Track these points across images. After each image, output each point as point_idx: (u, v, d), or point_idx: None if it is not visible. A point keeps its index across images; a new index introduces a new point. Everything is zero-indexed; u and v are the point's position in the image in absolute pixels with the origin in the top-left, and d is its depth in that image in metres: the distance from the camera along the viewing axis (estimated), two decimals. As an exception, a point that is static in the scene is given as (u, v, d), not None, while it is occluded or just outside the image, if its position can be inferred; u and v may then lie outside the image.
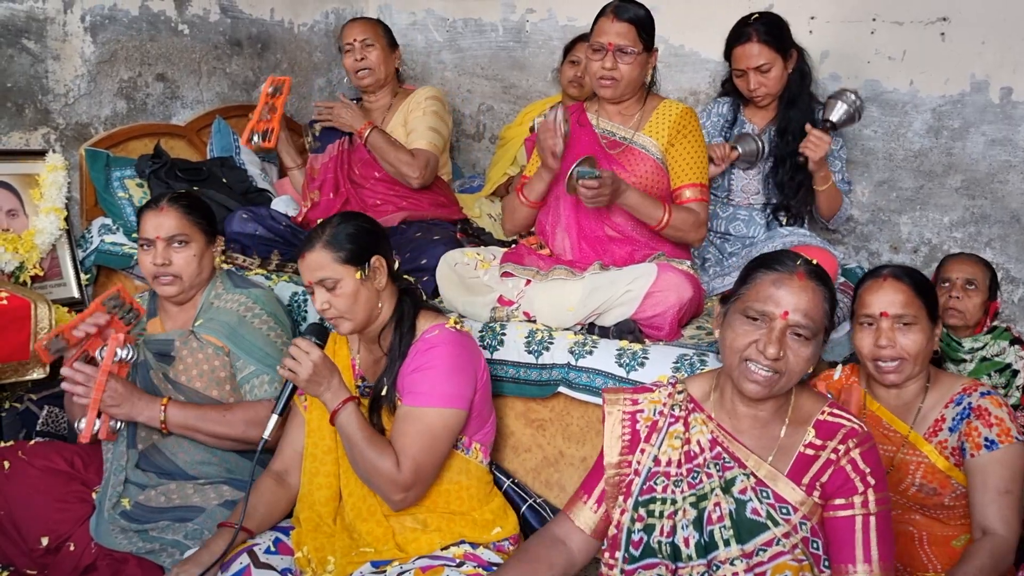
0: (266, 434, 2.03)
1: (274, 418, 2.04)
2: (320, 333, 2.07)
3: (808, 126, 2.87)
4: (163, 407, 2.21)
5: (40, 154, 3.11)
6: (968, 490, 2.01)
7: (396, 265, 2.20)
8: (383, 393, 2.10)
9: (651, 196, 2.51)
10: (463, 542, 2.08)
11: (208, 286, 2.41)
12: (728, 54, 3.02)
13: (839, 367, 2.23)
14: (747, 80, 2.96)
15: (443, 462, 2.11)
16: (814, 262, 1.72)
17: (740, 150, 2.95)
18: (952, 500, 2.05)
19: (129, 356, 2.21)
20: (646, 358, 2.31)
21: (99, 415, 2.17)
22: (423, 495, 2.09)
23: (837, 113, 2.88)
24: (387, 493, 2.02)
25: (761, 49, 2.91)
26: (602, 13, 2.53)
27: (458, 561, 2.00)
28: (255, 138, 3.21)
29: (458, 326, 2.15)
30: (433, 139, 3.09)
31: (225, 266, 2.70)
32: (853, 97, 2.88)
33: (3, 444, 2.52)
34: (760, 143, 2.97)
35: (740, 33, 2.95)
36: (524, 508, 2.36)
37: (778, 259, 1.72)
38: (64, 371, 2.16)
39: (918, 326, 2.02)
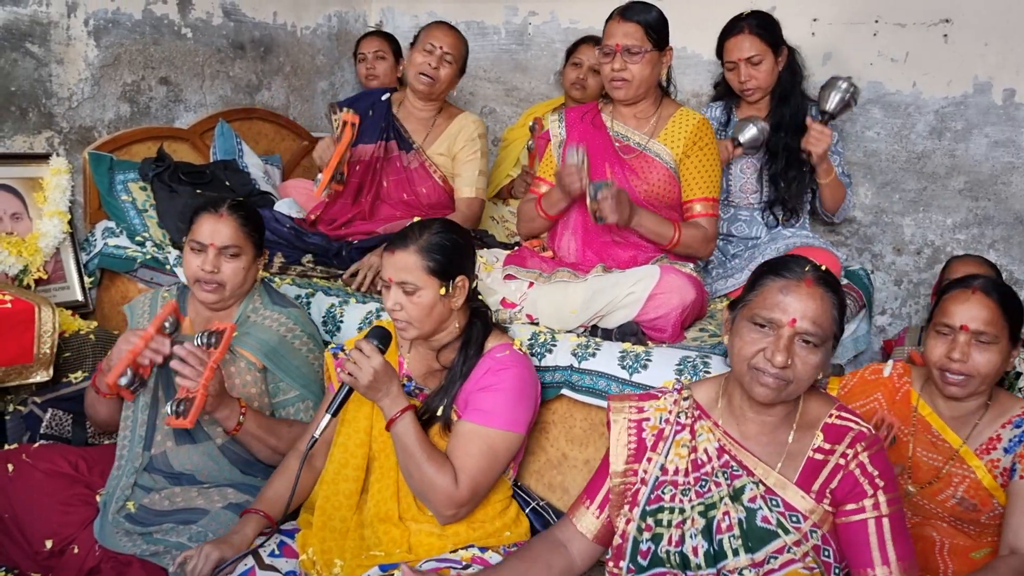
0: (317, 433, 2.01)
1: (327, 418, 2.01)
2: (383, 338, 2.03)
3: (808, 120, 2.88)
4: (243, 411, 2.20)
5: (44, 158, 3.11)
6: (1006, 509, 1.97)
7: (475, 284, 2.17)
8: (439, 411, 2.07)
9: (662, 216, 2.53)
10: (471, 546, 2.07)
11: (246, 298, 2.38)
12: (720, 49, 3.05)
13: (890, 363, 2.18)
14: (738, 73, 2.99)
15: (497, 483, 2.11)
16: (823, 268, 1.71)
17: (742, 140, 2.96)
18: (988, 519, 2.02)
19: (170, 327, 2.21)
20: (649, 360, 2.31)
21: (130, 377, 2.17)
22: (472, 513, 2.09)
23: (832, 102, 2.90)
24: (440, 508, 2.01)
25: (752, 41, 2.95)
26: (610, 17, 2.55)
27: (464, 564, 2.00)
28: (327, 191, 2.99)
29: (523, 350, 2.15)
30: (483, 185, 3.13)
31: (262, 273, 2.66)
32: (844, 84, 2.89)
33: (7, 447, 2.52)
34: (759, 125, 2.98)
35: (732, 26, 3.02)
36: (527, 511, 2.35)
37: (786, 265, 1.71)
38: (177, 350, 2.09)
39: (997, 346, 1.96)
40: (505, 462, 2.08)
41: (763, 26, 2.97)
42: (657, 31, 2.52)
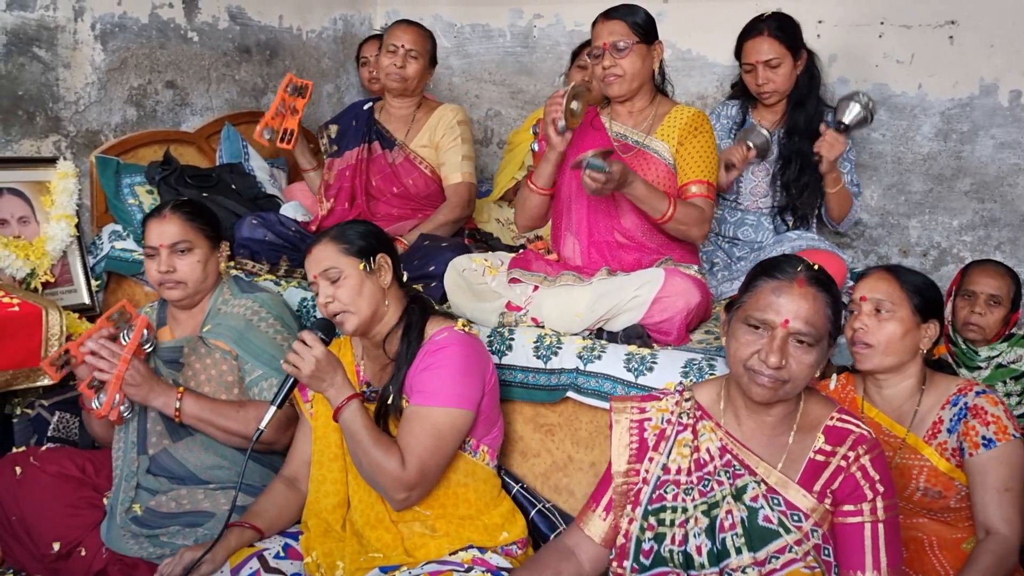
0: (262, 425, 2.03)
1: (272, 410, 2.03)
2: (326, 328, 2.07)
3: (823, 127, 2.86)
4: (179, 396, 2.23)
5: (51, 161, 3.13)
6: (969, 490, 2.01)
7: (404, 277, 2.21)
8: (389, 400, 2.09)
9: (658, 189, 2.50)
10: (471, 547, 2.07)
11: (215, 292, 2.42)
12: (739, 50, 3.03)
13: (834, 376, 2.23)
14: (756, 75, 2.97)
15: (449, 463, 2.10)
16: (816, 267, 1.71)
17: (752, 144, 2.95)
18: (957, 502, 2.04)
19: (148, 344, 2.27)
20: (654, 363, 2.31)
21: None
22: (426, 495, 2.09)
23: (851, 115, 2.87)
24: (390, 492, 2.01)
25: (771, 44, 2.93)
26: (595, 21, 2.57)
27: (466, 566, 2.00)
28: (267, 134, 3.18)
29: (467, 328, 2.15)
30: (469, 168, 3.16)
31: (233, 271, 2.71)
32: (866, 99, 2.87)
33: (15, 450, 2.53)
34: (766, 132, 2.96)
35: (752, 28, 2.98)
36: (533, 513, 2.35)
37: (778, 266, 1.71)
38: (89, 344, 2.18)
39: (895, 315, 2.05)
40: (454, 441, 2.06)
41: (783, 29, 2.94)
42: (642, 26, 2.52)
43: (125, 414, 2.25)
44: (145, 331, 2.25)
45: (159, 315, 2.48)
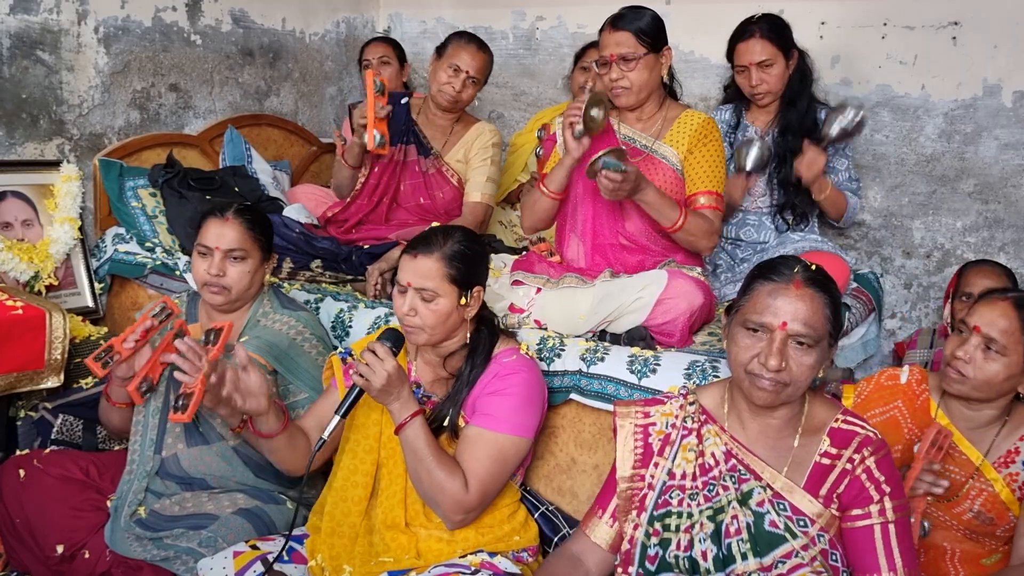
0: (326, 434, 1.98)
1: (336, 419, 1.98)
2: (397, 341, 2.02)
3: (805, 143, 2.88)
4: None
5: (54, 164, 3.13)
6: (1020, 518, 1.96)
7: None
8: (446, 418, 2.07)
9: (670, 197, 2.50)
10: (480, 551, 2.07)
11: (255, 302, 2.41)
12: (731, 52, 3.04)
13: (906, 368, 2.15)
14: (749, 76, 2.99)
15: (505, 487, 2.10)
16: (813, 267, 1.70)
17: (750, 166, 2.94)
18: (1004, 532, 2.01)
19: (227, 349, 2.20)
20: (658, 365, 2.31)
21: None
22: (480, 518, 2.08)
23: (833, 127, 2.88)
24: (449, 513, 2.00)
25: (763, 45, 2.96)
26: (602, 27, 2.54)
27: (473, 569, 2.00)
28: (379, 138, 2.96)
29: (530, 353, 2.15)
30: (491, 191, 3.16)
31: (271, 279, 2.66)
32: (852, 113, 2.87)
33: (18, 453, 2.54)
34: (762, 144, 2.94)
35: (743, 30, 3.01)
36: (536, 515, 2.35)
37: (775, 268, 1.71)
38: (178, 344, 2.02)
39: (1006, 359, 1.93)
40: (514, 467, 2.08)
41: (774, 30, 2.96)
42: (650, 35, 2.49)
43: (143, 391, 2.21)
44: (179, 330, 2.20)
45: (188, 309, 2.46)
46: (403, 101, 3.19)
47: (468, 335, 2.12)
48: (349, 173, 3.22)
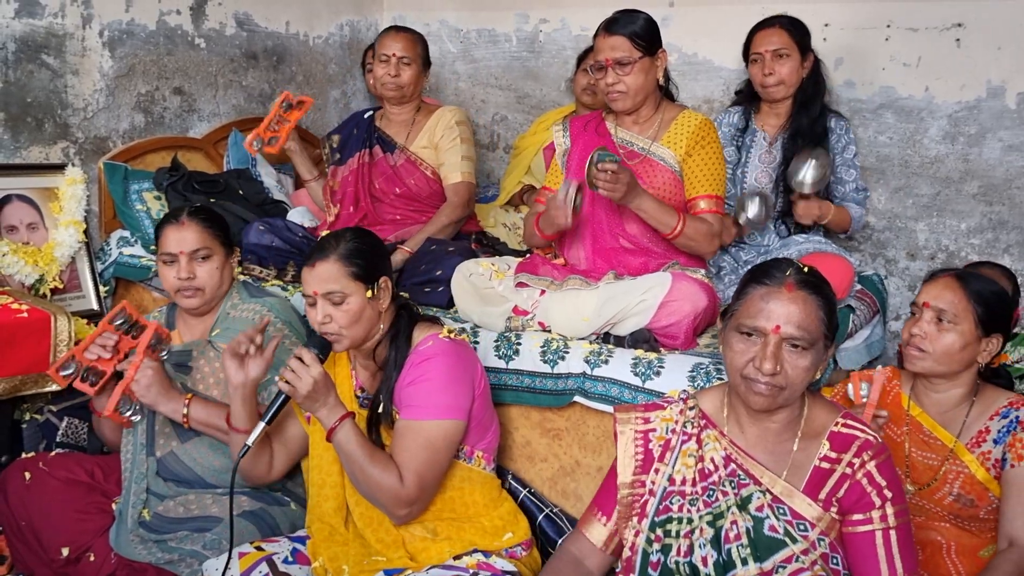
0: (250, 441, 1.99)
1: (260, 426, 2.00)
2: (324, 347, 2.04)
3: (793, 196, 2.92)
4: (187, 402, 2.24)
5: (59, 168, 3.14)
6: (1000, 500, 1.99)
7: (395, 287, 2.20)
8: (380, 409, 2.09)
9: (667, 204, 2.51)
10: (475, 551, 2.07)
11: (226, 297, 2.44)
12: (747, 45, 3.04)
13: (879, 368, 2.20)
14: (762, 65, 2.98)
15: (445, 473, 2.10)
16: (806, 269, 1.70)
17: (743, 221, 2.89)
18: (987, 513, 2.03)
19: (164, 352, 2.27)
20: (662, 367, 2.31)
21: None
22: (426, 508, 2.09)
23: (804, 177, 2.86)
24: (391, 508, 2.01)
25: (781, 35, 2.97)
26: (597, 32, 2.55)
27: (471, 571, 2.00)
28: (256, 144, 3.14)
29: (452, 335, 2.14)
30: (468, 168, 3.17)
31: (241, 277, 2.72)
32: (815, 162, 2.84)
33: (24, 455, 2.54)
34: (764, 203, 2.89)
35: (764, 22, 3.04)
36: (540, 518, 2.35)
37: (767, 271, 1.70)
38: (101, 338, 2.13)
39: (957, 328, 2.03)
40: (448, 451, 2.06)
41: (795, 24, 2.99)
42: (645, 38, 2.48)
43: (134, 418, 2.25)
44: (158, 335, 2.25)
45: (167, 319, 2.49)
46: (366, 115, 3.27)
47: (388, 325, 2.14)
48: (312, 185, 3.35)
